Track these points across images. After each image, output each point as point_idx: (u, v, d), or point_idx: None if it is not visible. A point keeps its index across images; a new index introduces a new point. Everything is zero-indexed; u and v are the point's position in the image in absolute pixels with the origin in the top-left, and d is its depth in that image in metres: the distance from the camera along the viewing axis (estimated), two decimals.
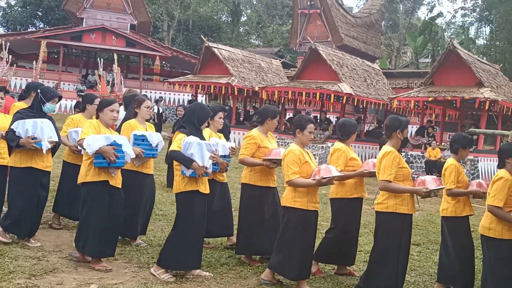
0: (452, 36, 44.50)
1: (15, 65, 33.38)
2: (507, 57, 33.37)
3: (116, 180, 5.51)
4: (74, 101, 15.74)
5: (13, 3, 44.28)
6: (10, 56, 14.94)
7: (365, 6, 38.65)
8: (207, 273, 5.53)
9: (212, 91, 22.97)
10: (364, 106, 20.84)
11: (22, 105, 6.69)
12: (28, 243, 5.92)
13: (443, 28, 43.02)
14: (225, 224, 6.65)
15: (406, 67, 38.27)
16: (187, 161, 5.21)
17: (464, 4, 43.66)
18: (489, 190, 5.08)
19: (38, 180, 5.87)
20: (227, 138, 10.99)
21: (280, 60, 29.04)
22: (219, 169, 6.00)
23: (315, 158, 6.09)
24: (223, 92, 22.80)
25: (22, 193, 5.81)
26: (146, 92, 28.58)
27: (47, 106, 5.94)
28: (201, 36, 28.13)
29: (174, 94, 30.51)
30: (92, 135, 5.32)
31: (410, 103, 17.94)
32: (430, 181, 5.31)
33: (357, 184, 5.94)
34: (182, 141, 5.31)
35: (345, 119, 6.24)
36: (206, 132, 6.15)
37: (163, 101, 27.41)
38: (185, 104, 27.31)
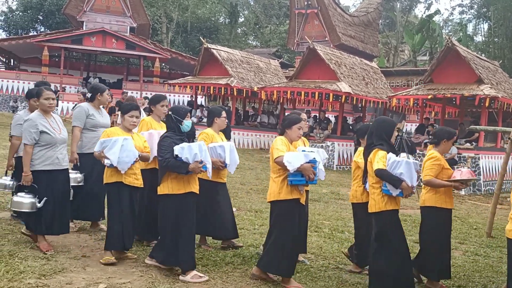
0: (450, 33, 44.53)
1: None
2: (506, 53, 33.44)
3: (304, 198, 5.44)
4: (75, 104, 15.87)
5: (14, 7, 44.61)
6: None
7: (362, 5, 38.79)
8: None
9: (211, 92, 23.07)
10: (363, 105, 20.90)
11: (151, 120, 6.61)
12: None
13: (441, 25, 43.10)
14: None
15: (404, 65, 38.35)
16: (397, 181, 5.08)
17: (462, 1, 43.68)
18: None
19: (195, 204, 5.64)
20: (228, 137, 11.12)
21: (278, 60, 29.11)
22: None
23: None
24: (222, 93, 22.88)
25: (185, 221, 5.48)
26: (146, 94, 28.72)
27: (186, 124, 5.61)
28: (200, 37, 28.24)
29: (174, 96, 30.64)
30: (290, 153, 5.25)
31: (409, 101, 17.97)
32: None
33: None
34: (387, 159, 5.19)
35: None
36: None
37: None
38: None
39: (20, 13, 42.77)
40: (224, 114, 6.68)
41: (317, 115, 22.16)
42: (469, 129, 12.90)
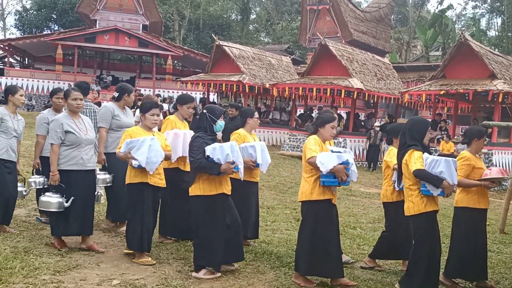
0: (463, 28, 44.16)
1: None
2: None
3: (335, 198, 5.41)
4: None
5: (28, 6, 45.16)
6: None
7: (374, 0, 38.61)
8: None
9: (223, 89, 23.14)
10: (375, 101, 20.86)
11: (176, 119, 6.62)
12: (230, 266, 5.67)
13: (454, 20, 42.73)
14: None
15: (417, 61, 38.14)
16: (437, 180, 4.96)
17: None
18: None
19: (227, 205, 5.55)
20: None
21: (290, 57, 29.09)
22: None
23: None
24: (234, 90, 22.93)
25: (216, 222, 5.43)
26: (159, 91, 28.87)
27: (219, 124, 5.57)
28: (212, 35, 28.31)
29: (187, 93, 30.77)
30: (323, 153, 5.20)
31: (422, 97, 17.90)
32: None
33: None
34: (424, 159, 5.07)
35: None
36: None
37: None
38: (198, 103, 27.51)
39: (34, 12, 43.28)
40: (256, 114, 6.70)
41: None
42: (482, 124, 12.82)
